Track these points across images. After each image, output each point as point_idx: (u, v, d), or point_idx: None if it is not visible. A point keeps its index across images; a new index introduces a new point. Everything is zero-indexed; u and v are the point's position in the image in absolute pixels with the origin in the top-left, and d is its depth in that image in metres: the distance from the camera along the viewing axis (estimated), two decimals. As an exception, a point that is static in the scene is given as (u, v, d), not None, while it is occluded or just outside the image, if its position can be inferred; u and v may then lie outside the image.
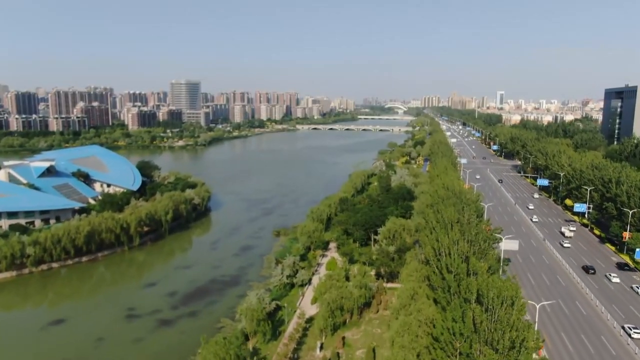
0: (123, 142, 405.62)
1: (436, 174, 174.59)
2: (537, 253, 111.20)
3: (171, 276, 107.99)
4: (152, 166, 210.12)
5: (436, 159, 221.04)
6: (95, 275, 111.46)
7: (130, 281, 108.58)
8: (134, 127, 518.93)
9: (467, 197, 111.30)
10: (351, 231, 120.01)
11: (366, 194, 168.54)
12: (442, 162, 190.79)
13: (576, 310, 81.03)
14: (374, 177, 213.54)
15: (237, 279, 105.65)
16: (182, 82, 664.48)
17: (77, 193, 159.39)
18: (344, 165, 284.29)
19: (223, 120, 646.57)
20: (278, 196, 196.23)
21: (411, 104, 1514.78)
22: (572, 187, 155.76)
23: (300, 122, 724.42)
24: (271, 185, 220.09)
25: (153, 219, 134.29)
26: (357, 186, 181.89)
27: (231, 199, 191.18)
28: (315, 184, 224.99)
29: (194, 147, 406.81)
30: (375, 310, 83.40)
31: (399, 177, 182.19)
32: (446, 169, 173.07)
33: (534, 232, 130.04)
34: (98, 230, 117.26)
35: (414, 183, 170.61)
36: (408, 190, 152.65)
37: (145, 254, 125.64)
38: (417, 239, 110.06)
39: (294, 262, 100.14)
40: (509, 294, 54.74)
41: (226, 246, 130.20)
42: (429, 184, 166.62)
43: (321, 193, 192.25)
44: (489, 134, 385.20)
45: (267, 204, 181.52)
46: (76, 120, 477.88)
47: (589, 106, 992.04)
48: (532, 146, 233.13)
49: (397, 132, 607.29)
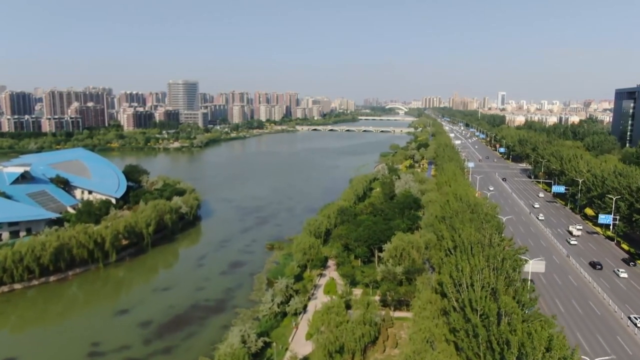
0: (116, 144, 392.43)
1: (444, 180, 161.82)
2: (561, 272, 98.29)
3: (148, 300, 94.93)
4: (141, 170, 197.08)
5: (442, 163, 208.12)
6: (63, 298, 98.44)
7: (100, 306, 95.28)
8: (130, 128, 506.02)
9: (484, 210, 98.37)
10: (352, 247, 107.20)
11: (368, 202, 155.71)
12: (450, 167, 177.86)
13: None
14: (376, 182, 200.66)
15: (223, 304, 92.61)
16: (180, 82, 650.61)
17: (54, 201, 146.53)
18: (344, 169, 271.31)
19: (222, 121, 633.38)
20: (274, 203, 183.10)
21: (412, 105, 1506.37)
22: (593, 195, 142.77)
23: (299, 123, 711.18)
24: (267, 191, 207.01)
25: (133, 232, 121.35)
26: (358, 193, 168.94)
27: (223, 206, 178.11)
28: (314, 190, 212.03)
29: (189, 149, 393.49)
30: (382, 350, 70.33)
31: (404, 183, 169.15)
32: (455, 175, 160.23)
33: (555, 246, 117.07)
34: (68, 246, 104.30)
35: (420, 190, 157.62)
36: (414, 199, 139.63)
37: (123, 272, 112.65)
38: (427, 258, 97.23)
39: (286, 285, 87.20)
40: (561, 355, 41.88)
41: (214, 262, 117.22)
42: (437, 192, 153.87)
43: (320, 200, 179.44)
44: (494, 135, 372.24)
45: (262, 212, 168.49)
46: (69, 121, 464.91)
47: (591, 107, 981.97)
48: (543, 149, 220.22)
49: (399, 134, 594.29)
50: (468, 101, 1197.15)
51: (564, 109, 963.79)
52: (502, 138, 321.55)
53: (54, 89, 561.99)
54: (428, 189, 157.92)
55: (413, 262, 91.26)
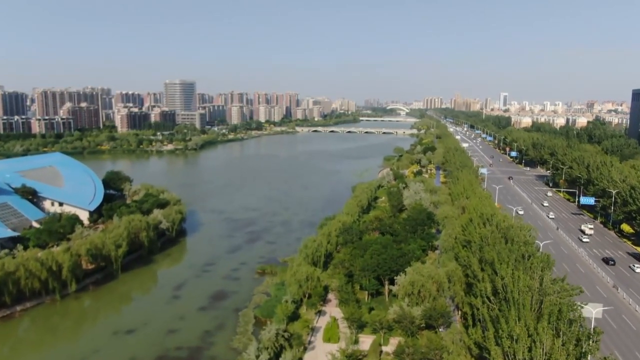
0: (107, 146, 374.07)
1: (459, 191, 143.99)
2: (616, 315, 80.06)
3: (105, 348, 76.64)
4: (123, 177, 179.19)
5: (453, 169, 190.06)
6: (2, 342, 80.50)
7: (43, 356, 77.32)
8: (124, 129, 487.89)
9: (520, 236, 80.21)
10: (358, 277, 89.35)
11: (374, 214, 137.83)
12: (465, 175, 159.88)
13: None
14: (381, 190, 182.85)
15: (197, 355, 74.51)
16: (177, 82, 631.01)
17: (16, 215, 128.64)
18: (346, 174, 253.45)
19: (220, 122, 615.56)
20: (268, 215, 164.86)
21: (413, 106, 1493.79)
22: (631, 209, 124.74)
23: (300, 124, 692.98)
24: (261, 201, 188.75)
25: (100, 255, 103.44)
26: (362, 204, 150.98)
27: (212, 218, 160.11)
28: (313, 199, 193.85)
29: (183, 151, 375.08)
30: None
31: (413, 193, 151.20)
32: (471, 186, 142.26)
33: (597, 274, 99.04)
34: (14, 277, 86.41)
35: (433, 202, 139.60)
36: (428, 214, 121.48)
37: (83, 305, 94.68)
38: (451, 295, 79.25)
39: (276, 334, 69.32)
40: None
41: (193, 292, 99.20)
42: (452, 204, 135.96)
43: (320, 211, 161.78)
44: (503, 138, 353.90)
45: (254, 226, 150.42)
46: (60, 122, 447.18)
47: (595, 108, 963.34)
48: (563, 155, 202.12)
49: (402, 135, 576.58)
50: (471, 102, 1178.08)
51: (568, 110, 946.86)
52: (513, 141, 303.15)
53: (46, 88, 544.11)
54: (441, 201, 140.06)
55: (434, 303, 73.32)
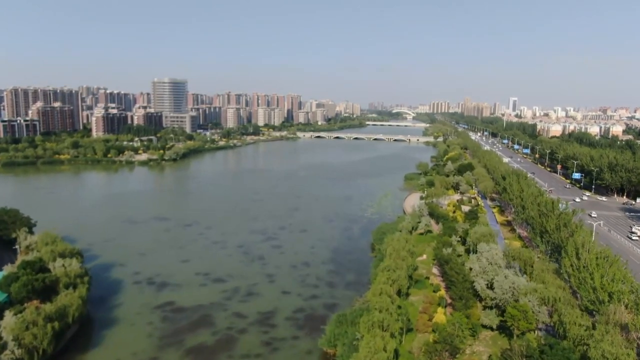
0: (67, 155, 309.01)
1: (569, 263, 79.82)
2: None
3: None
4: (19, 220, 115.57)
5: (528, 206, 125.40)
6: None
7: None
8: (99, 133, 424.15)
9: None
10: None
11: (422, 319, 73.68)
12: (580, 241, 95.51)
13: None
14: (417, 238, 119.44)
15: None
16: (166, 81, 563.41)
17: None
18: (359, 203, 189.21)
19: (214, 126, 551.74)
20: (236, 298, 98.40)
21: (419, 110, 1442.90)
22: None
23: (301, 129, 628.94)
24: (231, 261, 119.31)
25: None
26: (400, 284, 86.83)
27: (144, 301, 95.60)
28: (315, 257, 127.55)
29: (158, 162, 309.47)
30: None
31: (486, 263, 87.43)
32: (599, 263, 77.74)
33: None
34: None
35: (540, 297, 74.72)
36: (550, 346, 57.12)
37: None
38: None
39: None
40: None
41: None
42: (566, 291, 71.94)
43: (325, 286, 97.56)
44: (547, 152, 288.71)
45: (206, 331, 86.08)
46: (23, 125, 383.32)
47: (608, 113, 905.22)
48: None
49: (415, 143, 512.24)
50: (483, 106, 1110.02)
51: (584, 117, 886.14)
52: (571, 158, 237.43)
53: (17, 86, 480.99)
54: (555, 297, 74.65)
55: None
